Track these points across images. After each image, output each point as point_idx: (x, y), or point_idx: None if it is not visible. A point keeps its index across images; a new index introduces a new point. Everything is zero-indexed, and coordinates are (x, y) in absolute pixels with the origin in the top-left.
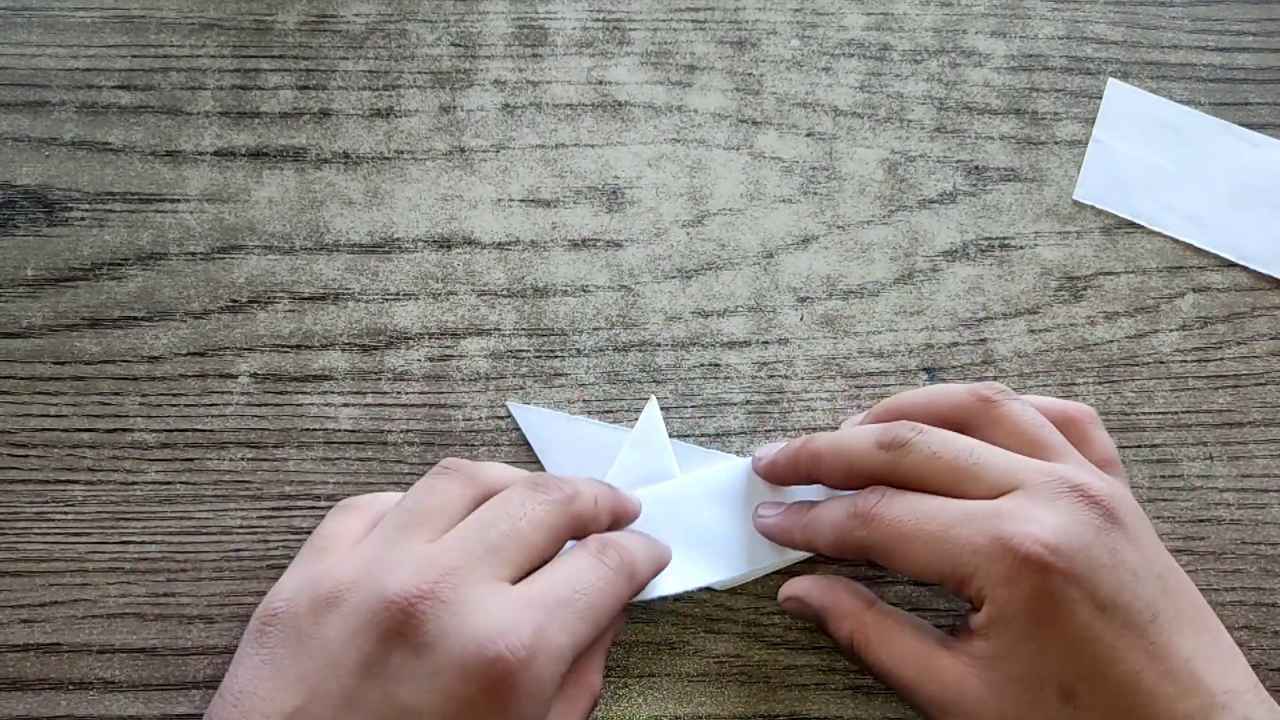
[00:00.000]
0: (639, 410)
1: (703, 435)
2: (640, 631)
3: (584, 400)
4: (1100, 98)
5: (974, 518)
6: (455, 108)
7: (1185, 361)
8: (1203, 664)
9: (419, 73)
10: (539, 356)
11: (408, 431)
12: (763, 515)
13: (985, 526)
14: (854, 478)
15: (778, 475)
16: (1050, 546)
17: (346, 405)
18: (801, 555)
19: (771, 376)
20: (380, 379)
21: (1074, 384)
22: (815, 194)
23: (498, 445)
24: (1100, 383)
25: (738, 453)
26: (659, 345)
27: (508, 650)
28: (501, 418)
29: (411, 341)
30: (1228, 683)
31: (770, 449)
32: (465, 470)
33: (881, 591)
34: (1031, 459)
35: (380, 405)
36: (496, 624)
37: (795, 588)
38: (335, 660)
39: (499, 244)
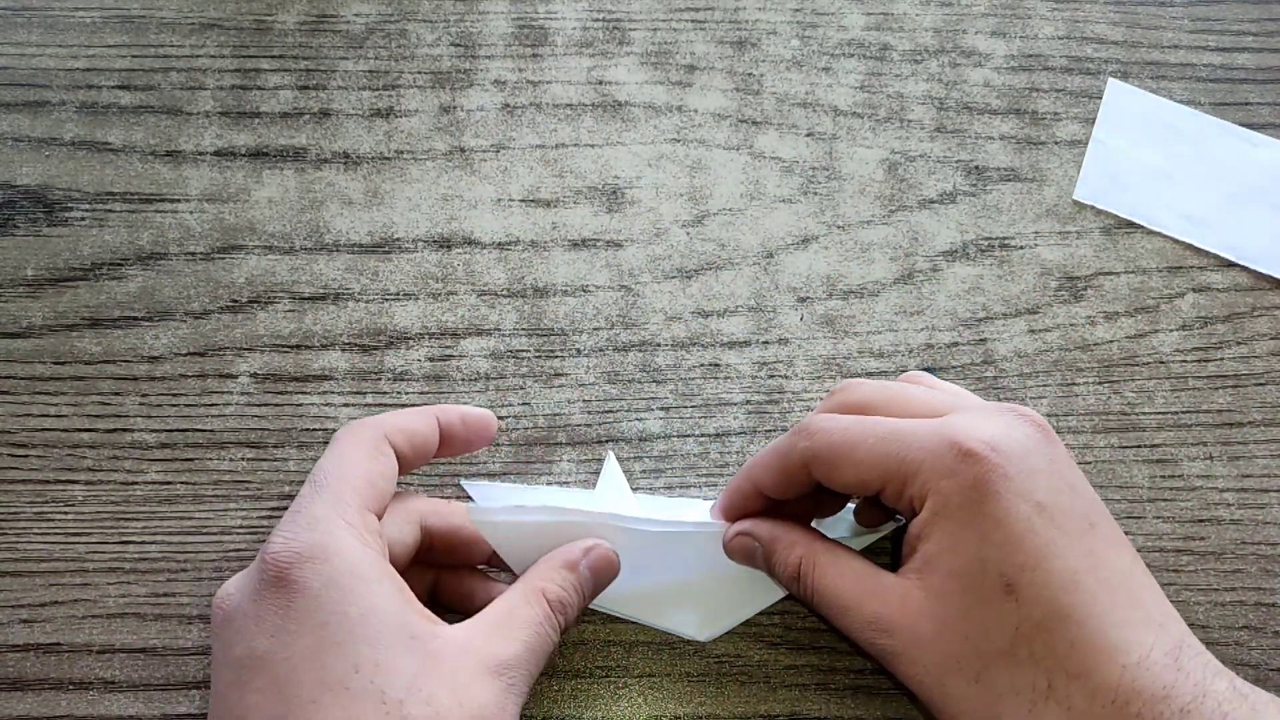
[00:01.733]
0: (639, 410)
1: (703, 435)
2: (640, 631)
3: (584, 400)
4: (1100, 98)
5: (920, 423)
6: (455, 108)
7: (1185, 361)
8: (1139, 582)
9: (419, 73)
10: (539, 356)
11: None
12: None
13: (932, 427)
14: (785, 469)
15: (731, 514)
16: (991, 444)
17: (346, 405)
18: (767, 601)
19: (771, 376)
20: (380, 379)
21: (1074, 384)
22: (815, 194)
23: (497, 445)
24: (1100, 383)
25: (737, 453)
26: (659, 345)
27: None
28: (502, 418)
29: (411, 341)
30: (1163, 608)
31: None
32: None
33: None
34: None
35: (380, 405)
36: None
37: (743, 524)
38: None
39: (499, 244)
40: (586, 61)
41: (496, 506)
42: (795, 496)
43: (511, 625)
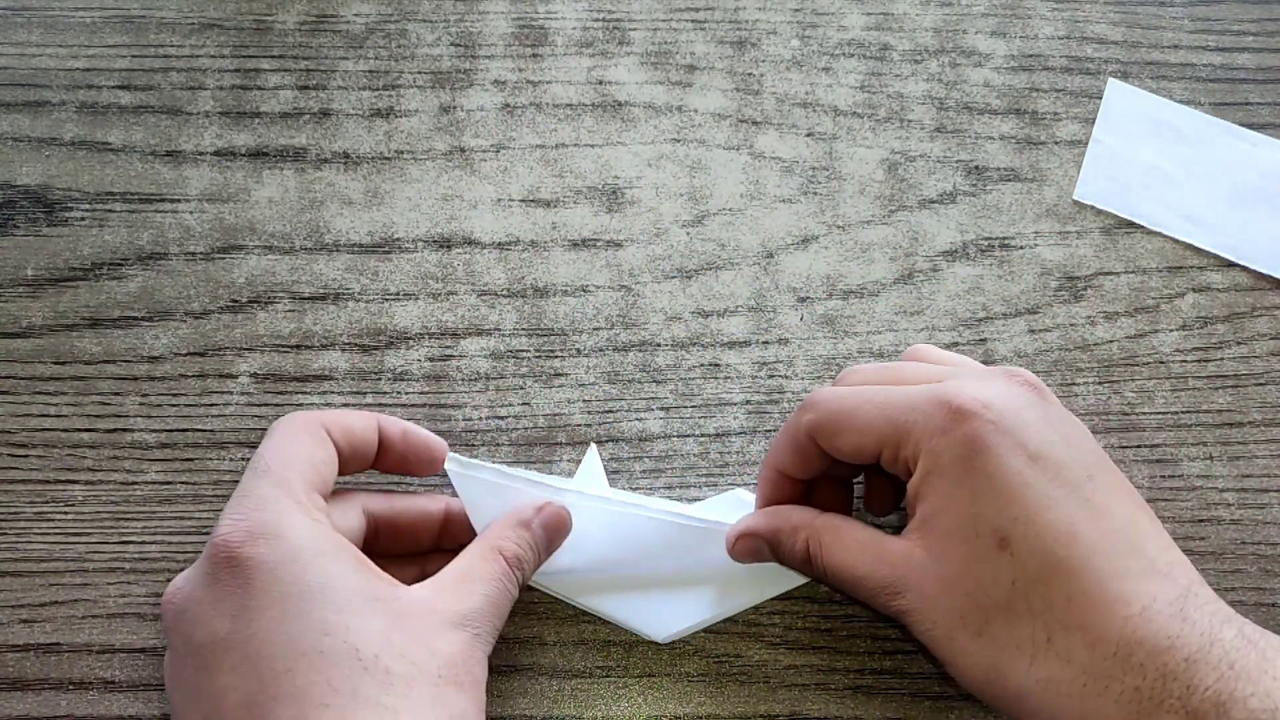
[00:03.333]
0: (639, 410)
1: (703, 435)
2: None
3: (584, 400)
4: (1100, 98)
5: (915, 389)
6: (455, 108)
7: (1185, 361)
8: (1143, 535)
9: (419, 73)
10: (539, 356)
11: None
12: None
13: (927, 391)
14: (795, 445)
15: (767, 504)
16: (983, 401)
17: (346, 405)
18: (740, 606)
19: (771, 376)
20: (380, 379)
21: (1074, 384)
22: (815, 194)
23: (498, 445)
24: (1100, 383)
25: (737, 453)
26: (659, 345)
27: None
28: (501, 418)
29: (411, 341)
30: (1169, 556)
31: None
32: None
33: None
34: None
35: (380, 405)
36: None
37: (742, 525)
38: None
39: (499, 244)
40: (586, 61)
41: (475, 462)
42: (817, 473)
43: (471, 581)
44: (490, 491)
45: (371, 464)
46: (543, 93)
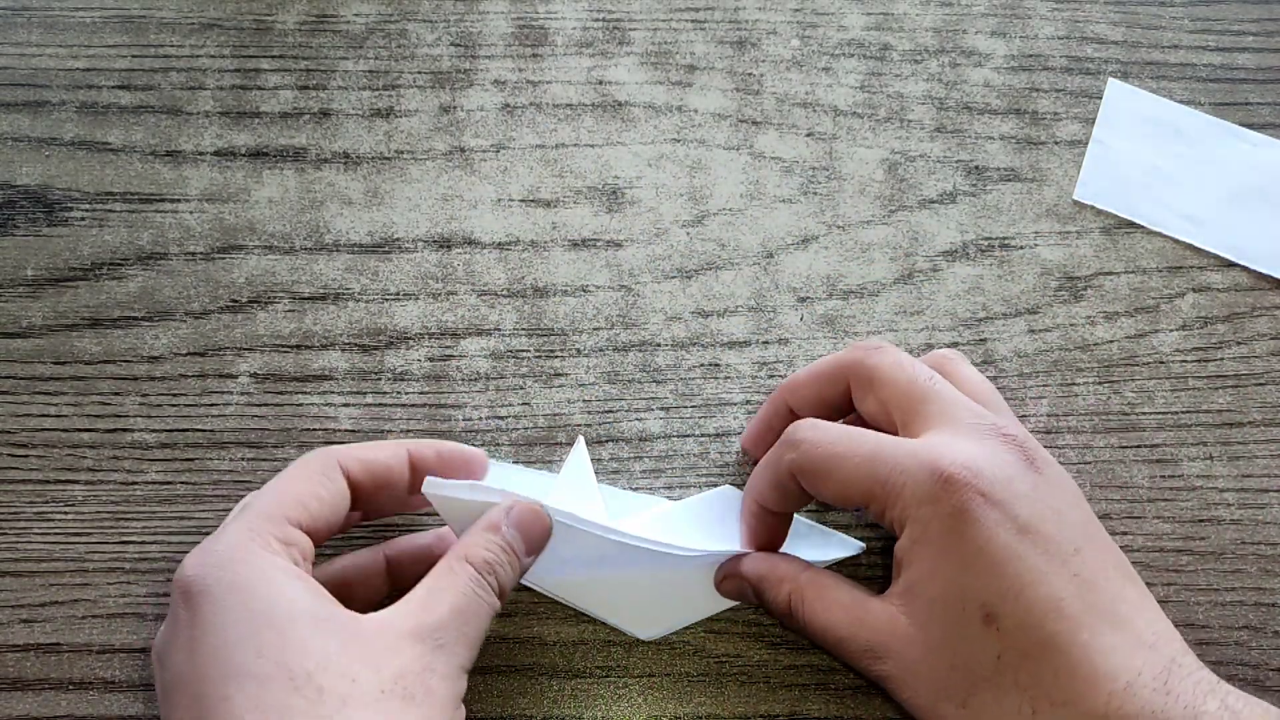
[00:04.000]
0: (639, 410)
1: (703, 435)
2: None
3: (584, 400)
4: (1100, 98)
5: (903, 443)
6: (455, 108)
7: (1185, 361)
8: (1130, 607)
9: (419, 73)
10: (539, 356)
11: (408, 431)
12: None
13: (913, 449)
14: (777, 481)
15: (752, 540)
16: (972, 470)
17: (346, 405)
18: (725, 605)
19: (771, 376)
20: (380, 379)
21: (1074, 384)
22: (815, 194)
23: (497, 445)
24: (1100, 383)
25: (737, 453)
26: (659, 345)
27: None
28: (501, 418)
29: (411, 341)
30: (1156, 627)
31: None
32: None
33: None
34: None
35: (380, 405)
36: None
37: (730, 566)
38: None
39: (499, 244)
40: (586, 61)
41: (450, 482)
42: (798, 508)
43: (435, 593)
44: (470, 509)
45: (411, 491)
46: (543, 93)
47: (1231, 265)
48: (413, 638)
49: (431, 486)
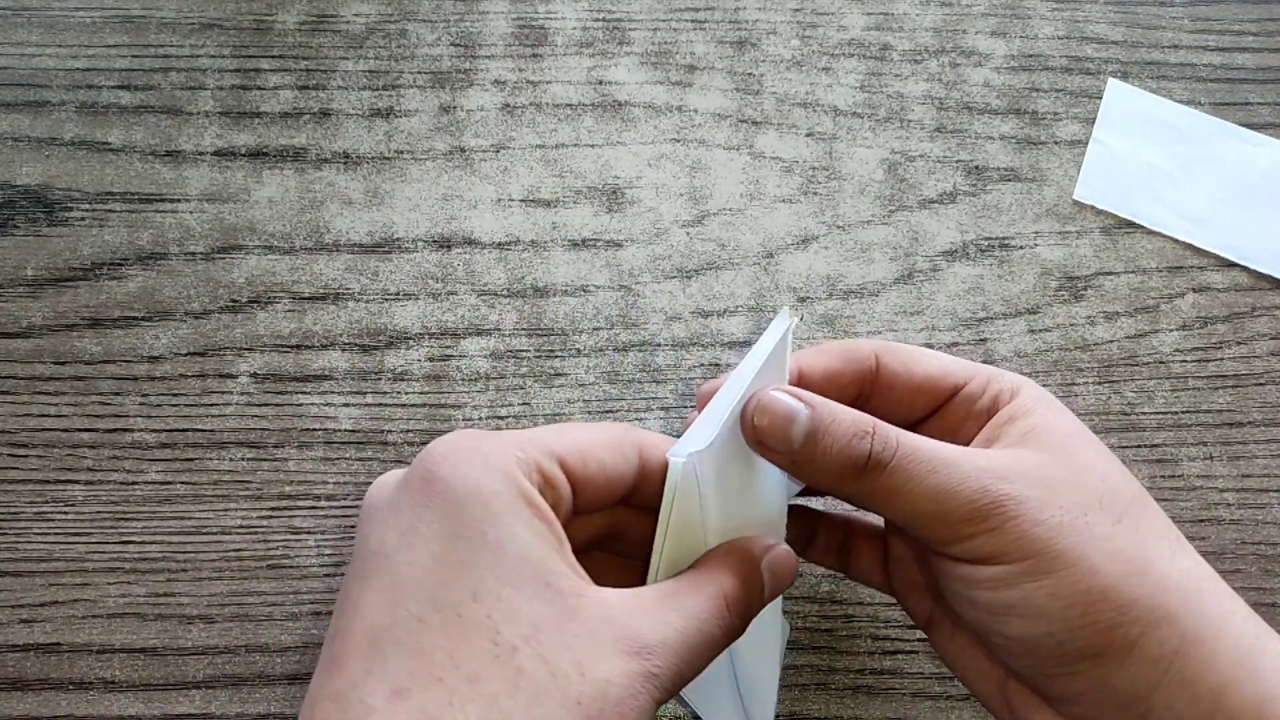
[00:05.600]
0: (639, 410)
1: None
2: None
3: (584, 400)
4: (1100, 98)
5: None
6: (455, 108)
7: (1185, 361)
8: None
9: (419, 73)
10: (539, 356)
11: (408, 431)
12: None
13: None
14: (848, 353)
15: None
16: None
17: (346, 405)
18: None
19: None
20: (380, 379)
21: (1074, 384)
22: (815, 194)
23: None
24: (1100, 383)
25: None
26: (659, 345)
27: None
28: (501, 418)
29: (411, 341)
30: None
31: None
32: None
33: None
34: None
35: (380, 405)
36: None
37: (785, 388)
38: None
39: (499, 244)
40: (586, 61)
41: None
42: (837, 396)
43: (669, 606)
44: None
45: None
46: (543, 93)
47: (1231, 265)
48: (629, 650)
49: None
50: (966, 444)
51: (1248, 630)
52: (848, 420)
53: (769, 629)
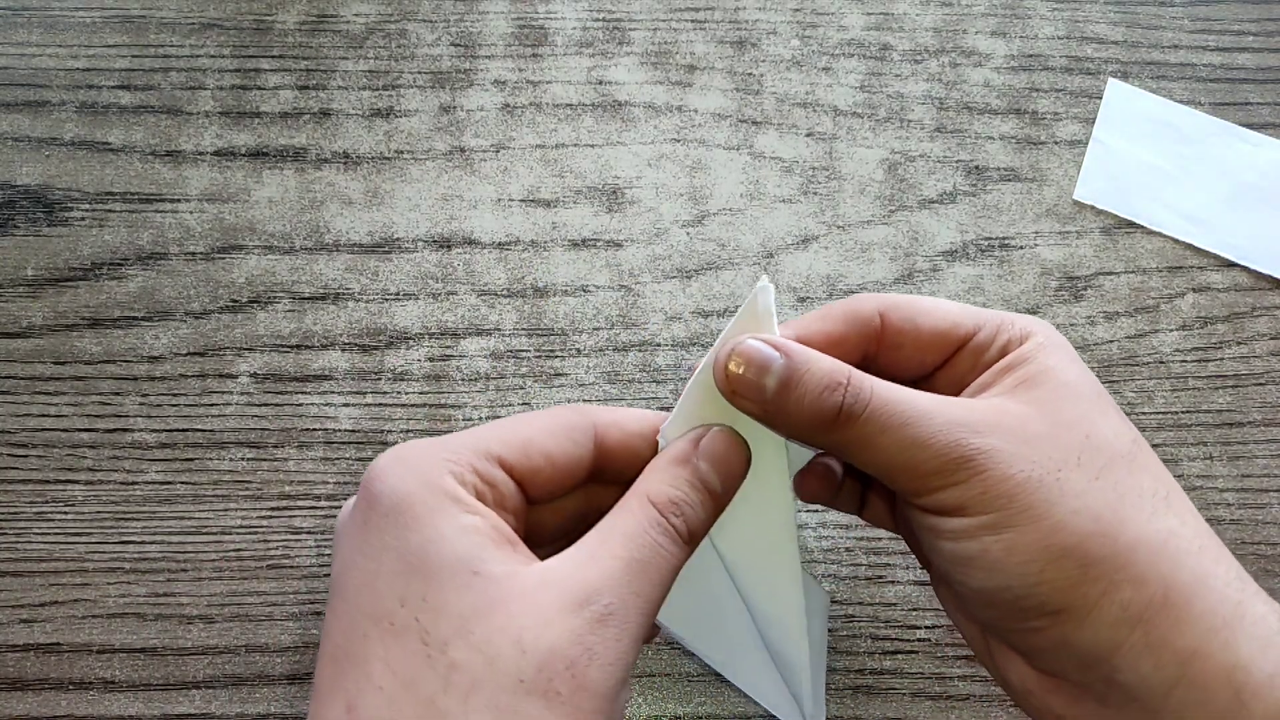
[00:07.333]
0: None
1: None
2: None
3: (584, 400)
4: (1100, 98)
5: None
6: (455, 108)
7: (1185, 361)
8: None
9: (419, 73)
10: (539, 356)
11: (408, 431)
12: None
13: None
14: (850, 313)
15: None
16: None
17: (346, 405)
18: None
19: None
20: (380, 379)
21: None
22: (815, 194)
23: None
24: (1100, 382)
25: None
26: (659, 345)
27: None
28: (501, 418)
29: (411, 341)
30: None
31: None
32: None
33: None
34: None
35: (380, 405)
36: None
37: (762, 337)
38: None
39: (499, 244)
40: (586, 61)
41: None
42: (842, 359)
43: (608, 539)
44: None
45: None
46: (543, 93)
47: (1231, 265)
48: (572, 606)
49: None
50: (974, 395)
51: (1229, 595)
52: (822, 371)
53: (783, 583)
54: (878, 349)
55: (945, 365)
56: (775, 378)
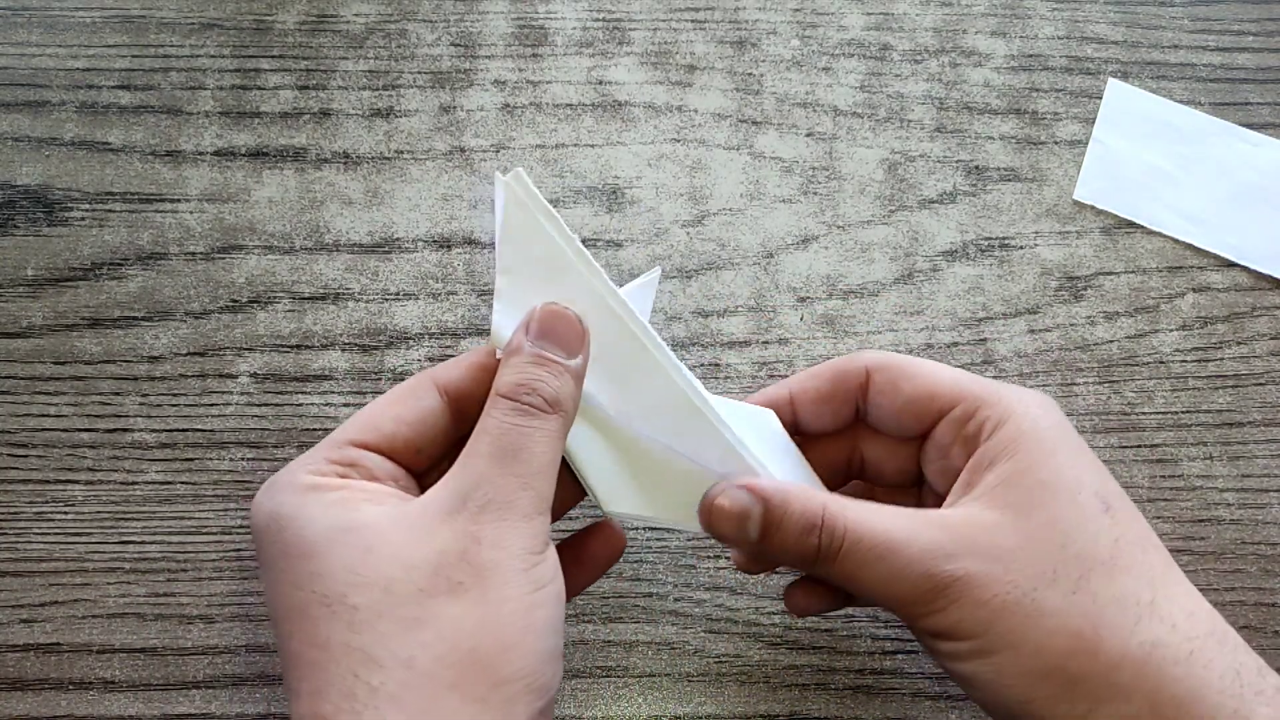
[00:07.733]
0: None
1: None
2: (640, 631)
3: None
4: (1100, 98)
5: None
6: (455, 108)
7: (1185, 361)
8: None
9: (419, 73)
10: None
11: None
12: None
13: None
14: (839, 375)
15: None
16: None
17: (346, 405)
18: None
19: (771, 376)
20: (380, 379)
21: (1074, 384)
22: (815, 194)
23: None
24: (1100, 383)
25: None
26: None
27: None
28: None
29: (411, 341)
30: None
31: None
32: None
33: None
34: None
35: None
36: None
37: (741, 479)
38: None
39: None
40: (586, 61)
41: (536, 194)
42: (831, 427)
43: (473, 447)
44: (531, 235)
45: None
46: (543, 93)
47: (1231, 265)
48: (447, 513)
49: (515, 180)
50: (957, 470)
51: (1224, 703)
52: (797, 513)
53: (688, 407)
54: (866, 407)
55: (931, 431)
56: (755, 526)
